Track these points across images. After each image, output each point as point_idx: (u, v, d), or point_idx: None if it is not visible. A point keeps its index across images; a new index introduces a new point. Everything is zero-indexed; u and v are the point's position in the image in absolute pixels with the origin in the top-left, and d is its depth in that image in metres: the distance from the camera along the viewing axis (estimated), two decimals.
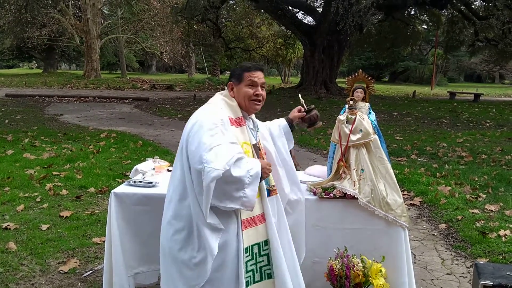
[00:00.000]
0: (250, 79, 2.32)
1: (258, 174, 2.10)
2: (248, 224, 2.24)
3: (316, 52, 21.27)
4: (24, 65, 54.44)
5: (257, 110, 2.40)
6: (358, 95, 3.17)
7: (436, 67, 39.32)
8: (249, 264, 2.25)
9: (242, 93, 2.34)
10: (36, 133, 10.13)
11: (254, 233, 2.27)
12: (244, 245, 2.18)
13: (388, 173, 2.99)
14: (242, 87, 2.34)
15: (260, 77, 2.36)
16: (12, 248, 3.98)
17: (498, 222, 4.80)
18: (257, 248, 2.28)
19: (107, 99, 19.98)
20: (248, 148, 2.30)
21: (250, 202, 2.08)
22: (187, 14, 21.28)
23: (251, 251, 2.25)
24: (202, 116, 2.18)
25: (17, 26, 27.27)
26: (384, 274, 2.77)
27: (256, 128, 2.51)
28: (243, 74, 2.34)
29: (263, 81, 2.38)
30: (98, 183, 6.07)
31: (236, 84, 2.36)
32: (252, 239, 2.25)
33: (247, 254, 2.22)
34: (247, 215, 2.23)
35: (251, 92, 2.33)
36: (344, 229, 2.99)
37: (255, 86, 2.34)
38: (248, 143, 2.32)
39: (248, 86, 2.33)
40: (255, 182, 2.09)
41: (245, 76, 2.33)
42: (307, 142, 9.89)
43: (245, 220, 2.22)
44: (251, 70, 2.34)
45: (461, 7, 22.30)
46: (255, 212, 2.26)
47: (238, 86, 2.35)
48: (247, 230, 2.22)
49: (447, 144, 9.64)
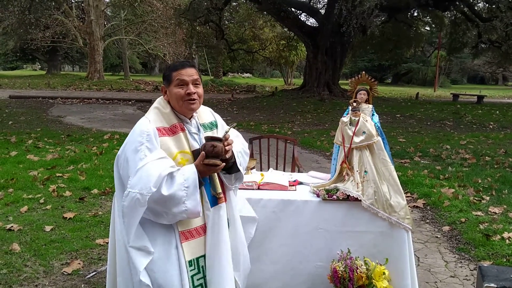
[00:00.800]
0: (178, 78, 2.12)
1: (195, 182, 1.97)
2: (190, 235, 2.09)
3: (319, 54, 21.26)
4: (28, 66, 54.56)
5: (194, 109, 2.18)
6: (361, 96, 3.16)
7: (439, 68, 39.22)
8: (196, 278, 2.10)
9: (173, 95, 2.13)
10: (39, 135, 10.17)
11: (198, 245, 2.11)
12: (187, 258, 2.05)
13: (392, 175, 2.99)
14: (172, 88, 2.13)
15: (190, 73, 2.13)
16: (15, 249, 3.99)
17: (502, 224, 4.78)
18: (203, 261, 2.13)
19: (110, 100, 20.03)
20: (187, 157, 2.10)
21: (193, 213, 1.98)
22: (190, 15, 21.33)
23: (196, 264, 2.10)
24: (129, 135, 2.08)
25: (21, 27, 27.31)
26: (387, 276, 2.76)
27: (202, 129, 2.26)
28: (171, 74, 2.14)
29: (195, 78, 2.15)
30: (101, 185, 6.08)
31: (167, 86, 2.16)
32: (196, 251, 2.10)
33: (192, 267, 2.08)
34: (185, 227, 2.08)
35: (182, 92, 2.11)
36: (347, 231, 2.99)
37: (186, 85, 2.12)
38: (186, 151, 2.12)
39: (178, 86, 2.12)
40: (194, 191, 1.96)
41: (173, 76, 2.13)
42: (310, 144, 9.88)
43: (184, 231, 2.07)
44: (178, 68, 2.13)
45: (464, 8, 22.26)
46: (196, 224, 2.11)
47: (169, 88, 2.15)
48: (189, 242, 2.08)
49: (450, 146, 9.62)
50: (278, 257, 3.04)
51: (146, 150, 1.98)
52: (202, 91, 2.22)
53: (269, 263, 3.04)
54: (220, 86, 31.31)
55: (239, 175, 2.26)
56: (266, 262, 3.03)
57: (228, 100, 21.23)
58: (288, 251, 3.04)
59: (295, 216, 3.03)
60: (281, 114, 15.83)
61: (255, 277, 3.03)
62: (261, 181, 3.26)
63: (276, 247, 3.04)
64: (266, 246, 3.03)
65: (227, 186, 2.27)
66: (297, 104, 18.36)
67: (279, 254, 3.04)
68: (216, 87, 30.57)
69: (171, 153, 2.06)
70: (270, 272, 3.04)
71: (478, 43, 23.54)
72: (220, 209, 2.16)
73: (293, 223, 3.03)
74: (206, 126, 2.29)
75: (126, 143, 2.06)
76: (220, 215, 2.15)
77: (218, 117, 2.42)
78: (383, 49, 28.72)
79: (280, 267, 3.04)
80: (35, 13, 25.53)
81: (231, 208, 2.31)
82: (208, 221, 2.12)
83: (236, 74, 47.76)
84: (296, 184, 3.37)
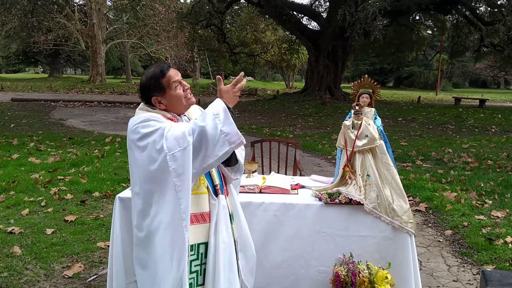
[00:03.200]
0: (173, 81, 2.09)
1: (222, 107, 1.93)
2: (196, 220, 2.08)
3: (321, 57, 21.28)
4: (30, 69, 54.75)
5: (194, 103, 2.22)
6: (364, 100, 3.16)
7: (441, 72, 39.24)
8: (194, 264, 2.09)
9: (175, 99, 2.11)
10: (41, 138, 10.18)
11: (203, 230, 2.10)
12: (190, 242, 2.02)
13: (394, 179, 2.97)
14: (171, 93, 2.10)
15: (176, 73, 2.13)
16: (16, 252, 3.98)
17: (505, 228, 4.75)
18: (203, 248, 2.11)
19: (112, 103, 20.06)
20: None
21: (234, 135, 1.92)
22: (192, 19, 21.39)
23: (196, 249, 2.10)
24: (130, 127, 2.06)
25: (23, 31, 27.47)
26: (390, 281, 2.74)
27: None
28: (161, 81, 2.08)
29: (179, 74, 2.16)
30: (103, 188, 6.07)
31: (162, 94, 2.10)
32: (199, 236, 2.09)
33: (192, 252, 2.07)
34: (195, 210, 2.06)
35: (182, 92, 2.12)
36: (350, 236, 2.96)
37: (180, 84, 2.12)
38: None
39: (177, 88, 2.11)
40: (226, 115, 1.91)
41: (165, 82, 2.08)
42: (312, 147, 9.87)
43: (193, 214, 2.04)
44: (165, 71, 2.10)
45: (466, 12, 22.26)
46: (203, 209, 2.11)
47: (165, 95, 2.10)
48: (195, 226, 2.06)
49: (452, 150, 9.60)
50: (279, 262, 3.02)
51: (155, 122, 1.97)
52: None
53: (270, 268, 3.02)
54: None
55: (238, 166, 2.27)
56: (267, 266, 3.01)
57: None
58: (289, 255, 3.02)
59: (297, 220, 3.01)
60: (283, 117, 15.83)
61: (256, 281, 3.01)
62: (262, 184, 3.25)
63: (277, 252, 3.02)
64: (267, 250, 3.01)
65: (228, 180, 2.28)
66: (299, 108, 18.36)
67: (281, 258, 3.02)
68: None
69: None
70: (271, 277, 3.02)
71: (480, 47, 23.53)
72: (221, 200, 2.16)
73: (294, 227, 3.01)
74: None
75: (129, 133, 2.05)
76: (222, 206, 2.16)
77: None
78: (385, 52, 28.75)
79: (281, 272, 3.03)
80: (37, 16, 25.64)
81: (233, 202, 2.32)
82: (214, 209, 2.13)
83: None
84: (298, 187, 3.36)
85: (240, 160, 2.27)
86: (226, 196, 2.24)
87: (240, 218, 2.36)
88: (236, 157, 2.23)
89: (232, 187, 2.34)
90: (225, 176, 2.27)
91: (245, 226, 2.40)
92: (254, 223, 2.96)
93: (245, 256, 2.38)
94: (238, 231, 2.32)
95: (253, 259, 2.45)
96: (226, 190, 2.27)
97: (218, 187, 2.16)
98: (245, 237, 2.38)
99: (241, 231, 2.36)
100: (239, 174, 2.33)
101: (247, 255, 2.39)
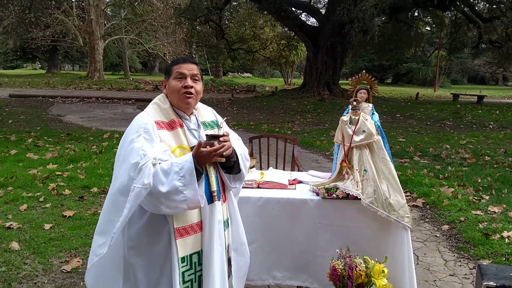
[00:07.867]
0: (177, 71, 2.13)
1: (190, 170, 1.91)
2: (186, 232, 2.05)
3: (319, 54, 21.25)
4: (28, 65, 54.53)
5: (190, 104, 2.15)
6: (361, 95, 3.16)
7: (440, 69, 39.19)
8: (187, 274, 2.08)
9: (171, 88, 2.14)
10: (39, 133, 10.17)
11: (193, 241, 2.07)
12: (179, 255, 2.02)
13: (391, 174, 2.99)
14: (170, 81, 2.14)
15: (190, 68, 2.14)
16: (15, 247, 3.99)
17: (501, 223, 4.78)
18: (196, 257, 2.10)
19: (110, 100, 20.03)
20: (185, 152, 2.06)
21: (193, 202, 1.94)
22: (190, 15, 21.30)
23: (189, 260, 2.08)
24: (128, 129, 2.08)
25: (21, 26, 27.33)
26: (386, 274, 2.76)
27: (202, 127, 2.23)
28: (172, 68, 2.16)
29: (195, 73, 2.15)
30: (101, 183, 6.08)
31: (167, 79, 2.18)
32: (190, 248, 2.07)
33: (184, 263, 2.05)
34: (182, 223, 2.04)
35: (179, 85, 2.11)
36: (347, 229, 2.99)
37: (184, 78, 2.12)
38: (185, 146, 2.09)
39: (176, 79, 2.12)
40: (191, 179, 1.91)
41: (173, 70, 2.15)
42: (310, 143, 9.88)
43: (180, 228, 2.03)
44: (180, 62, 2.16)
45: (464, 9, 22.26)
46: (192, 220, 2.07)
47: (168, 81, 2.16)
48: (184, 238, 2.04)
49: (450, 146, 9.62)
50: (275, 257, 3.07)
51: (144, 141, 1.96)
52: (201, 88, 2.19)
53: (266, 262, 3.06)
54: (220, 86, 31.29)
55: (239, 176, 2.23)
56: (263, 260, 3.04)
57: (228, 100, 21.23)
58: (286, 250, 3.06)
59: (294, 215, 3.03)
60: (281, 113, 15.83)
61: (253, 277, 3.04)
62: (260, 179, 3.27)
63: (274, 246, 3.06)
64: (264, 245, 3.05)
65: (227, 187, 2.23)
66: (297, 104, 18.36)
67: (277, 253, 3.06)
68: (216, 86, 30.54)
69: (170, 146, 2.05)
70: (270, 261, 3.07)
71: (478, 43, 23.54)
72: (215, 207, 2.10)
73: (292, 221, 3.03)
74: (207, 124, 2.26)
75: (124, 136, 2.05)
76: (216, 213, 2.10)
77: (220, 119, 2.36)
78: (384, 49, 28.73)
79: (276, 266, 3.07)
80: (35, 12, 25.57)
81: (233, 208, 2.29)
82: (205, 218, 2.09)
83: (236, 73, 47.71)
84: (296, 183, 3.37)
85: (243, 170, 2.22)
86: (223, 203, 2.19)
87: (237, 224, 2.32)
88: (239, 166, 2.18)
89: (231, 193, 2.30)
90: (224, 183, 2.21)
91: (241, 233, 2.36)
92: (251, 218, 2.98)
93: (237, 263, 2.34)
94: (233, 237, 2.29)
95: (245, 266, 2.42)
96: (224, 196, 2.21)
97: (215, 193, 2.10)
98: (239, 244, 2.35)
99: (237, 237, 2.32)
100: (238, 184, 2.28)
101: (239, 262, 2.35)
